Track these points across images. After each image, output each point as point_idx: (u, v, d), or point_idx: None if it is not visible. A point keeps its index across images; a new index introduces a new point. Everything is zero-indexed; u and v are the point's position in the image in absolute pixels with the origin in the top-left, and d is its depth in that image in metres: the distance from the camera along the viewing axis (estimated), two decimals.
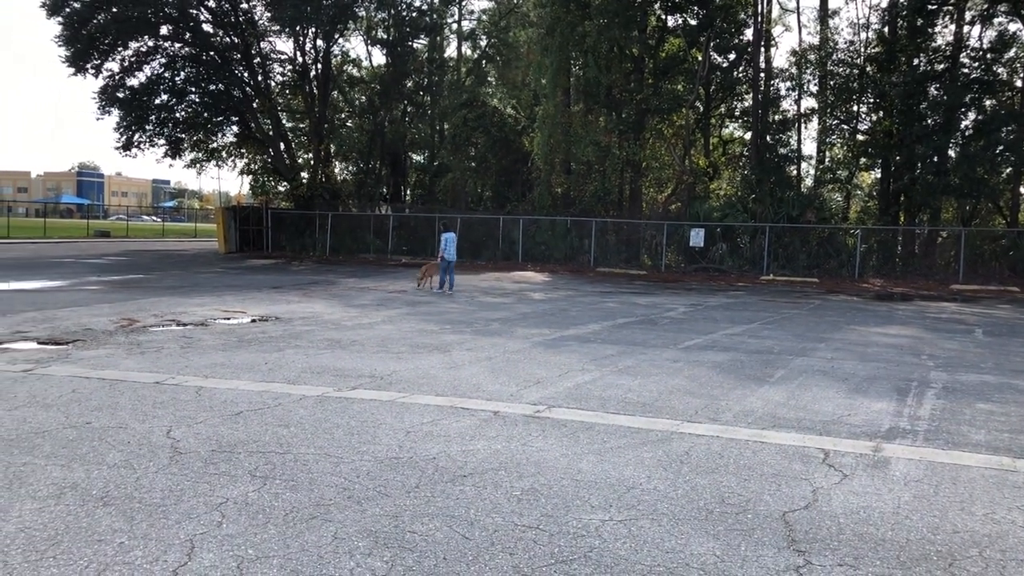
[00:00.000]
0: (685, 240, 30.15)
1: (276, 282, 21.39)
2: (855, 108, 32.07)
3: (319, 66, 38.99)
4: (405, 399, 7.31)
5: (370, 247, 35.73)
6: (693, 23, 32.78)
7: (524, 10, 40.14)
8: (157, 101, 37.27)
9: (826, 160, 33.04)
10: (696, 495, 4.88)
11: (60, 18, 33.97)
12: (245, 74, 38.41)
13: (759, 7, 31.83)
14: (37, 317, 12.41)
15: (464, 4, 42.67)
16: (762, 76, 32.47)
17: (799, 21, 45.98)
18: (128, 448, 5.54)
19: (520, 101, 38.18)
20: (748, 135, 35.18)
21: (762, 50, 32.34)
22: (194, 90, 38.28)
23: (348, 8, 36.14)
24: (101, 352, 9.48)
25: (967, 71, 29.36)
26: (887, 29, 30.88)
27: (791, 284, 26.45)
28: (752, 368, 9.57)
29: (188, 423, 6.24)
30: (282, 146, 39.42)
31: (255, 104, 38.33)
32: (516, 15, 40.81)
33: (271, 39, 39.22)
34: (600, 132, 31.84)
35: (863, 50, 31.58)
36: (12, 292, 16.78)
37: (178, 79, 37.66)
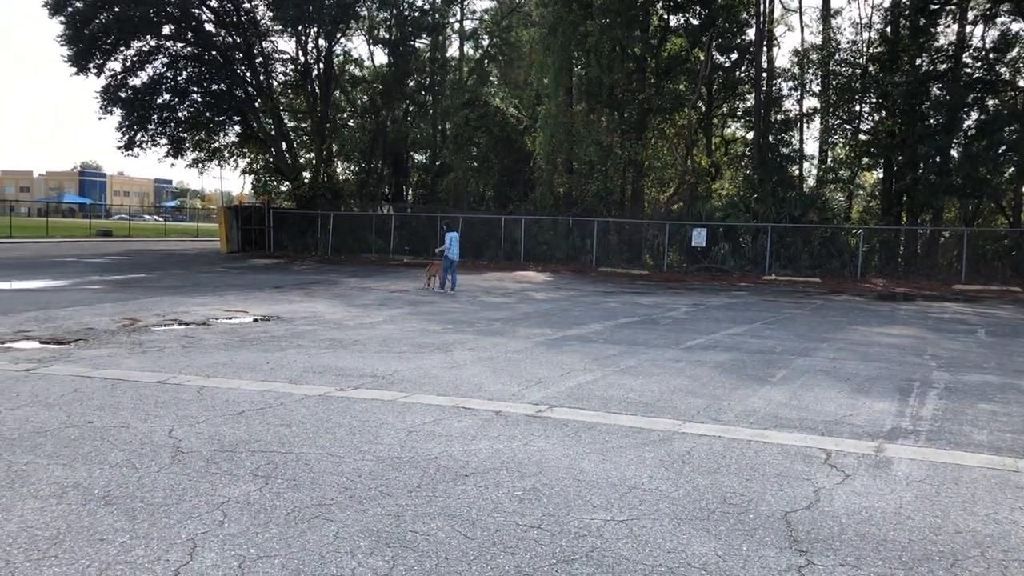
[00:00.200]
0: (687, 240, 30.13)
1: (278, 282, 21.40)
2: (857, 108, 32.03)
3: (321, 66, 39.03)
4: (407, 399, 7.32)
5: (372, 247, 35.73)
6: (695, 23, 32.75)
7: (526, 9, 40.12)
8: (159, 101, 37.34)
9: (828, 160, 32.99)
10: (698, 495, 4.88)
11: (62, 18, 34.03)
12: (247, 74, 38.45)
13: (761, 7, 31.78)
14: (39, 316, 12.43)
15: (466, 3, 42.61)
16: (764, 76, 32.43)
17: (801, 21, 45.67)
18: (130, 447, 5.55)
19: (522, 101, 38.16)
20: (750, 135, 35.15)
21: (764, 50, 32.30)
22: (196, 90, 38.33)
23: (350, 8, 36.15)
24: (103, 351, 9.49)
25: (970, 71, 29.30)
26: (889, 29, 30.84)
27: (793, 284, 26.42)
28: (754, 368, 9.57)
29: (190, 422, 6.25)
30: (284, 146, 39.45)
31: (257, 104, 38.36)
32: (518, 15, 40.80)
33: (273, 39, 39.33)
34: (602, 132, 31.84)
35: (865, 50, 31.55)
36: (14, 291, 16.81)
37: (180, 79, 37.73)
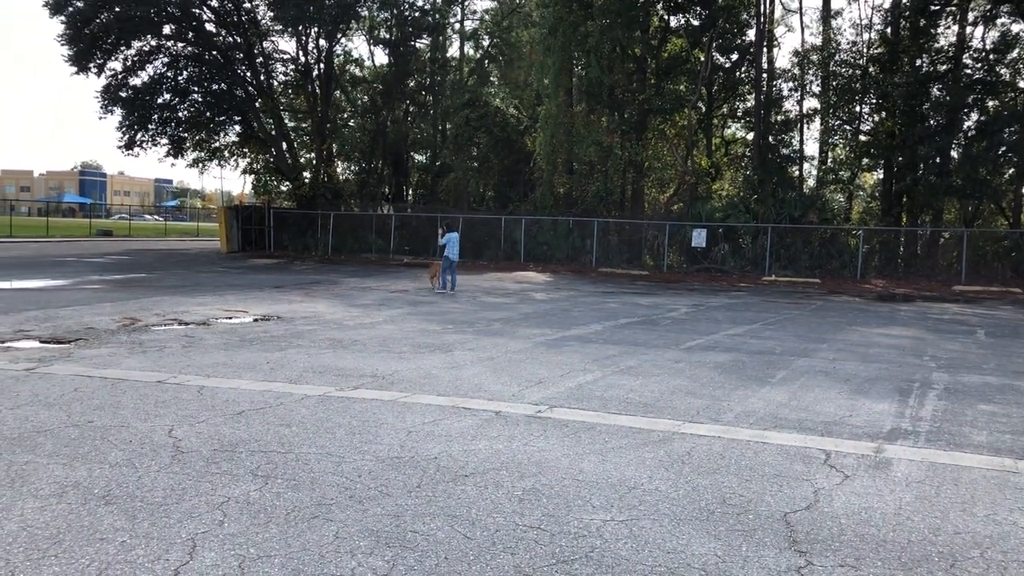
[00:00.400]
0: (687, 240, 30.13)
1: (278, 281, 21.41)
2: (857, 109, 32.03)
3: (321, 66, 39.04)
4: (407, 399, 7.32)
5: (372, 247, 35.73)
6: (695, 23, 32.76)
7: (527, 10, 40.11)
8: (160, 100, 37.32)
9: (828, 161, 32.98)
10: (697, 495, 4.88)
11: (63, 17, 34.03)
12: (248, 74, 38.45)
13: (762, 7, 31.80)
14: (39, 316, 12.44)
15: (467, 4, 42.63)
16: (764, 76, 32.43)
17: (802, 21, 46.16)
18: (130, 447, 5.55)
19: (522, 101, 38.16)
20: (750, 135, 35.15)
21: (764, 50, 32.30)
22: (197, 89, 38.33)
23: (351, 8, 36.15)
24: (103, 351, 9.49)
25: (970, 72, 29.30)
26: (890, 30, 30.83)
27: (793, 285, 26.42)
28: (754, 369, 9.57)
29: (190, 422, 6.25)
30: (284, 146, 39.45)
31: (257, 104, 38.37)
32: (518, 15, 40.78)
33: (274, 39, 39.31)
34: (602, 132, 31.84)
35: (866, 51, 31.54)
36: (14, 291, 16.81)
37: (181, 78, 37.72)
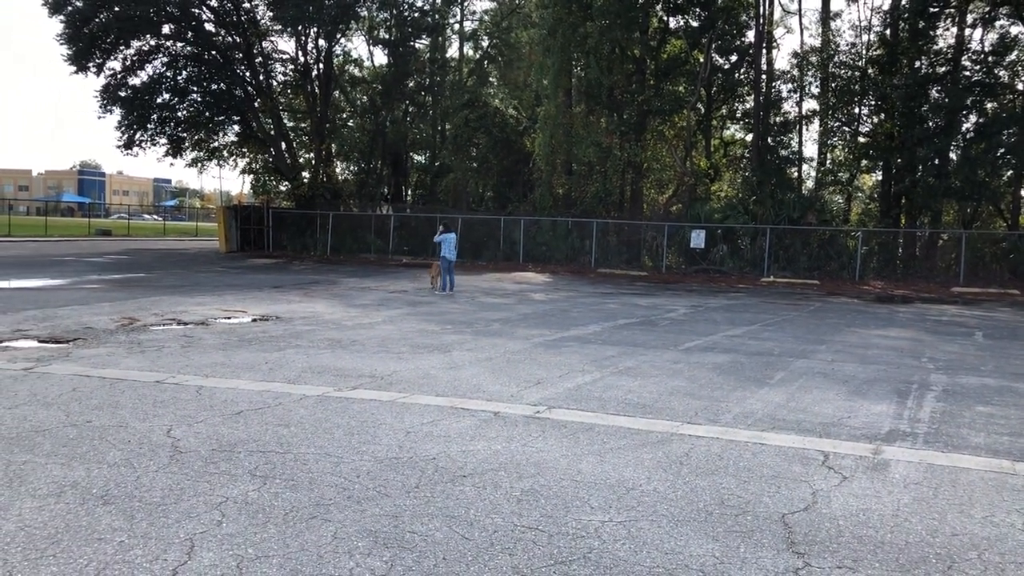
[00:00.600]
0: (686, 241, 30.15)
1: (277, 281, 21.40)
2: (856, 110, 32.07)
3: (321, 66, 39.03)
4: (405, 399, 7.32)
5: (371, 247, 35.73)
6: (695, 25, 32.79)
7: (526, 11, 40.12)
8: (159, 100, 37.30)
9: (827, 162, 33.02)
10: (695, 496, 4.89)
11: (62, 16, 34.01)
12: (247, 73, 38.43)
13: (761, 9, 31.83)
14: (38, 315, 12.43)
15: (466, 4, 42.61)
16: (763, 78, 32.46)
17: (801, 23, 45.79)
18: (128, 447, 5.55)
19: (522, 102, 38.17)
20: (749, 137, 35.17)
21: (764, 52, 32.33)
22: (196, 89, 38.31)
23: (350, 8, 36.16)
24: (102, 351, 9.48)
25: (968, 74, 29.35)
26: (889, 32, 30.87)
27: (792, 286, 26.44)
28: (752, 370, 9.58)
29: (188, 422, 6.25)
30: (283, 146, 39.44)
31: (257, 103, 38.35)
32: (518, 16, 40.81)
33: (273, 39, 39.32)
34: (601, 133, 31.84)
35: (864, 52, 31.58)
36: (13, 290, 16.80)
37: (180, 78, 37.70)
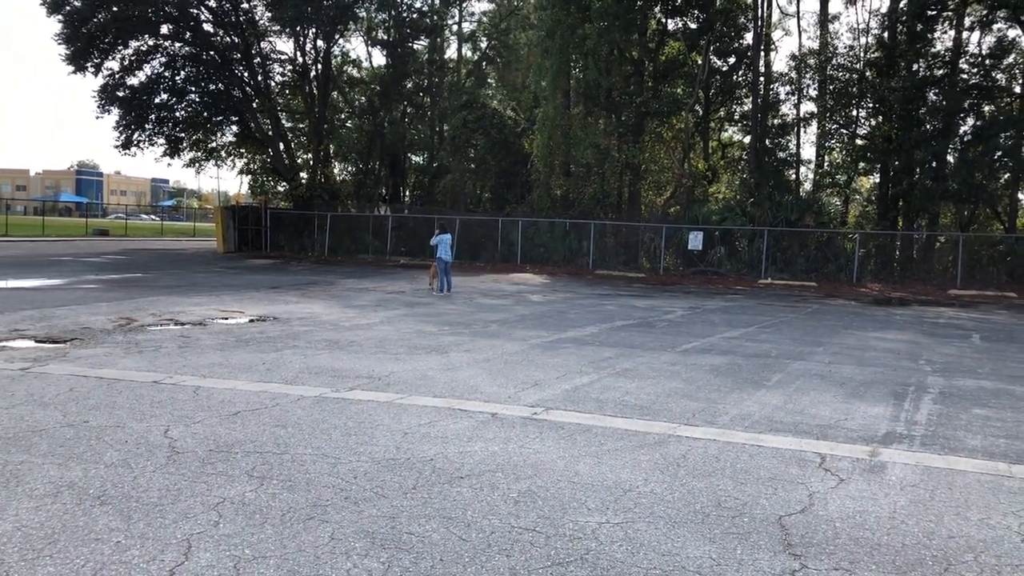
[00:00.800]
0: (683, 243, 30.16)
1: (274, 282, 21.39)
2: (854, 113, 32.10)
3: (319, 66, 39.01)
4: (403, 400, 7.32)
5: (369, 248, 35.71)
6: (693, 27, 32.81)
7: (524, 12, 40.17)
8: (157, 100, 37.28)
9: (825, 164, 33.06)
10: (692, 498, 4.89)
11: (60, 16, 33.98)
12: (245, 74, 38.42)
13: (759, 11, 31.87)
14: (35, 315, 12.41)
15: (465, 6, 42.68)
16: (762, 80, 32.50)
17: (799, 25, 45.93)
18: (125, 447, 5.54)
19: (520, 103, 38.19)
20: (747, 139, 35.22)
21: (762, 54, 32.36)
22: (194, 89, 38.29)
23: (349, 9, 36.16)
24: (99, 351, 9.47)
25: (966, 77, 29.41)
26: (887, 34, 30.91)
27: (789, 288, 26.46)
28: (749, 372, 9.59)
29: (186, 423, 6.25)
30: (281, 146, 39.43)
31: (255, 104, 38.34)
32: (516, 17, 40.83)
33: (271, 39, 39.32)
34: (600, 135, 31.85)
35: (863, 55, 31.63)
36: (10, 290, 16.77)
37: (178, 78, 37.68)
